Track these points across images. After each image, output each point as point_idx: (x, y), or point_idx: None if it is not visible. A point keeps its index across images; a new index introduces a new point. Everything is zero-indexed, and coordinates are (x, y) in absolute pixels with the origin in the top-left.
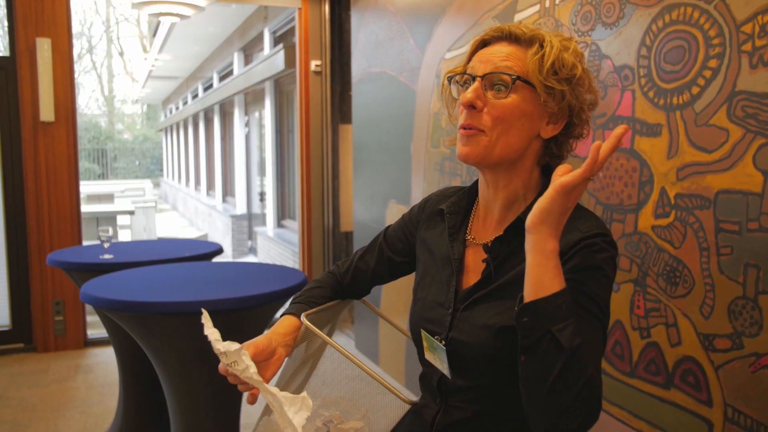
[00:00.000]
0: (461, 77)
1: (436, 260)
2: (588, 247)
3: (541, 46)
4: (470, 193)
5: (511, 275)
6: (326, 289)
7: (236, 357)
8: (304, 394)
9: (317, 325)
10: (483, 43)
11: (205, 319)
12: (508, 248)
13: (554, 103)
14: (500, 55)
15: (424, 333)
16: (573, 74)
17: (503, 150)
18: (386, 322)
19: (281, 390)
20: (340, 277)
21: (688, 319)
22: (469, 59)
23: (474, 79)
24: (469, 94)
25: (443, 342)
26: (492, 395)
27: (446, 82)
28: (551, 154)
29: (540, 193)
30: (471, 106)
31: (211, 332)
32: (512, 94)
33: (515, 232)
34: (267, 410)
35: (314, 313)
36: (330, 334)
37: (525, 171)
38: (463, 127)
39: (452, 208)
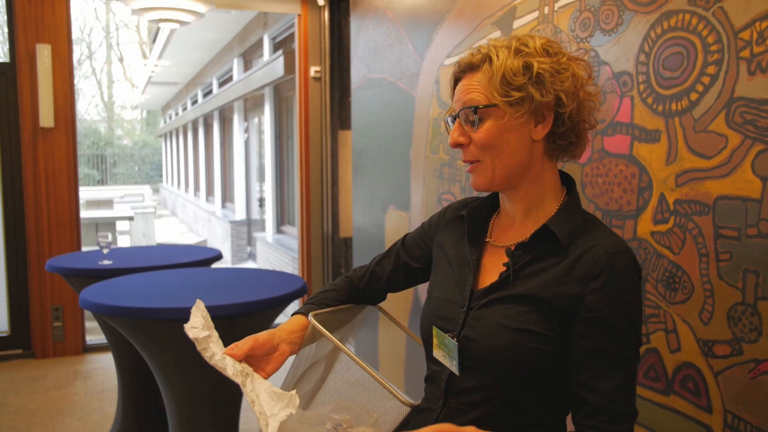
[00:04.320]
0: (451, 118)
1: (453, 261)
2: (615, 281)
3: (490, 63)
4: (491, 200)
5: (531, 285)
6: (340, 292)
7: (205, 344)
8: (293, 392)
9: (328, 327)
10: (456, 80)
11: (196, 308)
12: (530, 254)
13: (524, 110)
14: (464, 89)
15: (435, 329)
16: (529, 75)
17: (503, 170)
18: (398, 327)
19: (292, 388)
20: (356, 282)
21: (687, 325)
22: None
23: (454, 119)
24: (451, 137)
25: (455, 339)
26: (497, 398)
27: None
28: (560, 147)
29: (564, 203)
30: (459, 145)
31: (192, 320)
32: (483, 122)
33: (539, 239)
34: None
35: (325, 315)
36: (344, 339)
37: (536, 176)
38: (465, 162)
39: (473, 213)
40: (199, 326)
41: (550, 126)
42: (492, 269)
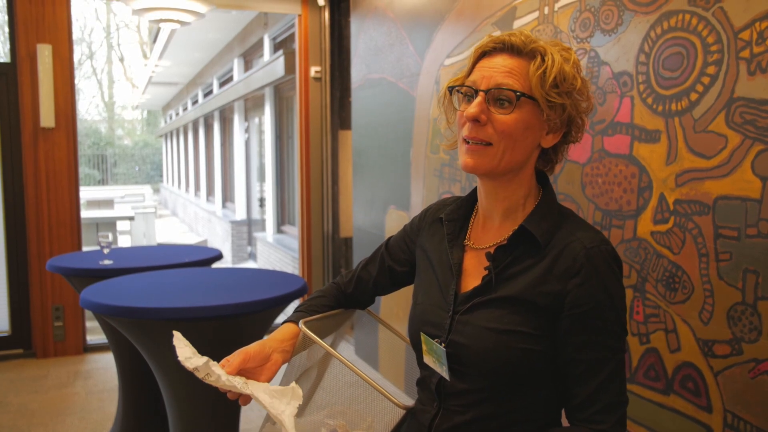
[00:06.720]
0: (464, 89)
1: (435, 266)
2: (595, 275)
3: (543, 60)
4: (469, 201)
5: (514, 287)
6: (329, 298)
7: (207, 370)
8: (293, 384)
9: (319, 333)
10: (483, 53)
11: (177, 340)
12: (510, 256)
13: (555, 116)
14: (502, 69)
15: (423, 336)
16: (573, 86)
17: (509, 162)
18: (387, 329)
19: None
20: (344, 287)
21: (687, 325)
22: (471, 70)
23: (477, 93)
24: (473, 108)
25: (443, 344)
26: (491, 400)
27: (447, 92)
28: (548, 160)
29: (539, 201)
30: (475, 120)
31: (182, 351)
32: (516, 109)
33: (518, 240)
34: (269, 417)
35: (315, 321)
36: (335, 344)
37: (524, 179)
38: (467, 140)
39: (451, 216)
40: (192, 356)
41: (558, 139)
42: (474, 272)
